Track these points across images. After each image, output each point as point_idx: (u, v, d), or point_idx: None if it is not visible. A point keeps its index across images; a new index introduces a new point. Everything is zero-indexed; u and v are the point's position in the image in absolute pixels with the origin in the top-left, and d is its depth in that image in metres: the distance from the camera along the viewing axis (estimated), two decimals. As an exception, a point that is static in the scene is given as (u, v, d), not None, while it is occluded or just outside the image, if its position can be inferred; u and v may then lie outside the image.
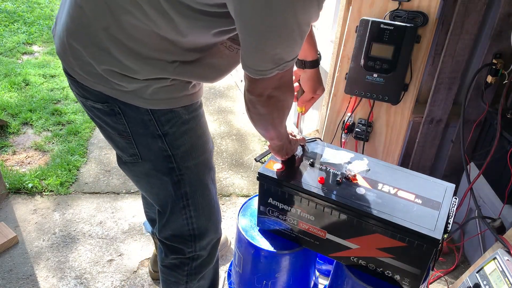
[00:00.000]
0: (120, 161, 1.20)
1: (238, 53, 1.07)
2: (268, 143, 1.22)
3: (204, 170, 1.21)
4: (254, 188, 2.41)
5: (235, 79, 3.59)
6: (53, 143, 2.67)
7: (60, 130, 2.80)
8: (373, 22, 1.55)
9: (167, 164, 1.13)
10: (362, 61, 1.61)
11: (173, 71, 1.00)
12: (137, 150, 1.12)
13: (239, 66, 1.07)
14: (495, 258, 1.39)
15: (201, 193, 1.22)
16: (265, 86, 0.93)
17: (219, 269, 1.89)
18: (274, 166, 1.25)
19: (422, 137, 2.02)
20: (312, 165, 1.28)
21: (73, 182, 2.37)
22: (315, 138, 1.40)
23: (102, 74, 0.99)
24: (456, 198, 1.19)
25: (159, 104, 1.04)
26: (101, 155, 2.61)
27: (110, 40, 0.95)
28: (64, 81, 3.38)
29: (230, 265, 1.64)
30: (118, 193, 2.31)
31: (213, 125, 2.98)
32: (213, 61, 1.06)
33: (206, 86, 3.49)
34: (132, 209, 2.20)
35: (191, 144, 1.14)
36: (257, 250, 1.31)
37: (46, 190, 2.29)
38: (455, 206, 1.17)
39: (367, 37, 1.58)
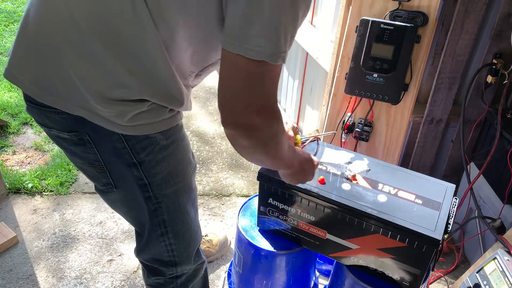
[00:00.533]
0: (96, 188, 1.13)
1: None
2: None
3: (183, 195, 1.12)
4: (254, 188, 2.41)
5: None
6: (53, 143, 2.67)
7: (60, 130, 2.80)
8: (373, 22, 1.55)
9: (143, 193, 1.05)
10: (362, 61, 1.61)
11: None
12: (111, 179, 1.04)
13: None
14: (495, 258, 1.39)
15: (181, 220, 1.14)
16: (242, 110, 0.77)
17: (219, 269, 1.89)
18: (274, 166, 1.25)
19: (422, 137, 2.02)
20: (312, 165, 1.28)
21: (73, 182, 2.37)
22: (315, 137, 1.40)
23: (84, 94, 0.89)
24: (456, 198, 1.19)
25: (136, 131, 0.95)
26: (101, 155, 2.61)
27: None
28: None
29: (230, 265, 1.64)
30: (118, 193, 2.31)
31: (213, 125, 2.98)
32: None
33: (206, 85, 3.49)
34: (132, 209, 2.20)
35: (169, 171, 1.04)
36: (257, 250, 1.31)
37: (46, 190, 2.29)
38: (455, 206, 1.17)
39: (367, 37, 1.58)
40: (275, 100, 0.82)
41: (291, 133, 1.28)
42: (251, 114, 0.78)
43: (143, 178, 1.02)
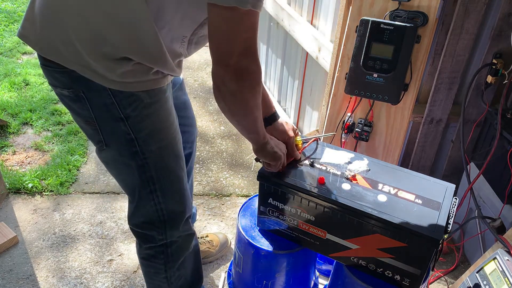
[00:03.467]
0: (96, 150, 1.23)
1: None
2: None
3: (169, 154, 1.21)
4: (254, 188, 2.41)
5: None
6: (53, 143, 2.67)
7: (60, 130, 2.80)
8: (373, 22, 1.55)
9: (131, 148, 1.14)
10: (362, 61, 1.61)
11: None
12: (102, 137, 1.14)
13: None
14: (495, 258, 1.39)
15: (168, 179, 1.23)
16: (230, 50, 0.93)
17: (219, 269, 1.89)
18: (274, 166, 1.25)
19: (422, 137, 2.02)
20: (312, 165, 1.28)
21: (73, 182, 2.37)
22: (314, 138, 1.40)
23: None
24: (456, 198, 1.19)
25: (122, 86, 1.06)
26: (101, 155, 2.61)
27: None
28: (64, 81, 3.38)
29: (230, 265, 1.64)
30: (118, 193, 2.31)
31: (213, 125, 2.98)
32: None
33: (206, 85, 3.49)
34: (132, 209, 2.20)
35: (153, 128, 1.15)
36: (257, 250, 1.31)
37: (46, 190, 2.29)
38: (455, 206, 1.17)
39: (367, 37, 1.58)
40: (256, 48, 0.96)
41: (291, 133, 1.28)
42: (238, 55, 0.93)
43: (130, 132, 1.12)
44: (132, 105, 1.09)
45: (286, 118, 2.80)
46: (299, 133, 1.36)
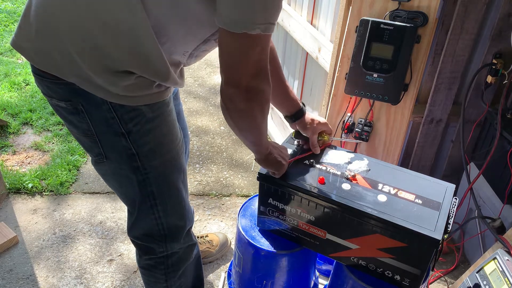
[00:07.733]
0: (92, 161, 1.19)
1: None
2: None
3: (171, 169, 1.18)
4: (254, 188, 2.41)
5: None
6: (53, 143, 2.68)
7: (60, 130, 2.80)
8: (373, 22, 1.55)
9: (132, 163, 1.11)
10: (362, 61, 1.61)
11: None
12: (102, 150, 1.11)
13: None
14: (495, 258, 1.40)
15: (169, 193, 1.20)
16: (242, 72, 0.91)
17: (219, 269, 1.89)
18: (274, 166, 1.25)
19: (422, 137, 2.02)
20: (312, 165, 1.28)
21: (73, 182, 2.37)
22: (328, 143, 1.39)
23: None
24: (456, 198, 1.19)
25: (123, 100, 1.02)
26: (101, 155, 2.61)
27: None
28: (64, 81, 3.38)
29: (230, 265, 1.64)
30: (118, 193, 2.31)
31: (213, 124, 2.98)
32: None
33: (206, 85, 3.49)
34: (132, 209, 2.20)
35: (156, 142, 1.11)
36: (257, 250, 1.31)
37: (46, 190, 2.29)
38: (455, 206, 1.17)
39: (367, 37, 1.58)
40: (267, 68, 0.94)
41: (315, 131, 1.31)
42: (249, 77, 0.91)
43: (131, 148, 1.09)
44: (134, 120, 1.06)
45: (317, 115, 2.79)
46: (330, 133, 1.37)
